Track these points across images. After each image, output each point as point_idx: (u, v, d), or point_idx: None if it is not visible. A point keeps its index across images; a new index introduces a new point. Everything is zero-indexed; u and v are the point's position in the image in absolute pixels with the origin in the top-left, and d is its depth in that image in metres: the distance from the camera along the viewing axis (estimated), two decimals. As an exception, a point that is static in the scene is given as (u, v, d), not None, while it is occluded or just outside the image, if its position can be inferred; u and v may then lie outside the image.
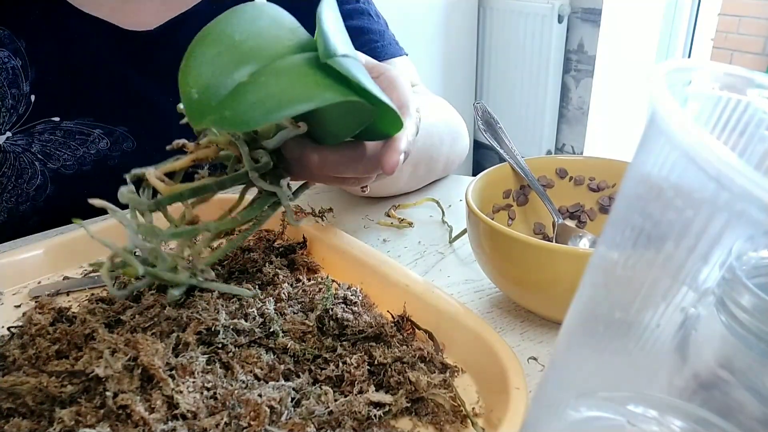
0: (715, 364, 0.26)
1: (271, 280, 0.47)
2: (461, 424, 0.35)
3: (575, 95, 2.18)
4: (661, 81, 0.19)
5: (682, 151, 0.17)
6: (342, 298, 0.43)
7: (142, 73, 0.64)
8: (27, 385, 0.34)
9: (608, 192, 0.54)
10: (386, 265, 0.47)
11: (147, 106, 0.65)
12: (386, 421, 0.34)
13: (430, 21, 2.19)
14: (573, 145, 2.25)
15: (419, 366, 0.37)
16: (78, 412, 0.32)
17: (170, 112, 0.62)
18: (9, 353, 0.37)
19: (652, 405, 0.25)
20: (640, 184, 0.21)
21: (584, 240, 0.50)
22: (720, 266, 0.21)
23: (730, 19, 2.04)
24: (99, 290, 0.47)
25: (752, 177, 0.15)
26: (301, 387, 0.35)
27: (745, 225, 0.18)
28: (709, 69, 0.23)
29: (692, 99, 0.23)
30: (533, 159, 0.55)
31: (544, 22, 2.09)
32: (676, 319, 0.22)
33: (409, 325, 0.42)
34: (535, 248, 0.40)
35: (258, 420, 0.32)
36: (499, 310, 0.47)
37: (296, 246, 0.52)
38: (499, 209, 0.54)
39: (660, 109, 0.18)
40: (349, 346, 0.39)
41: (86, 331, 0.39)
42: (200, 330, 0.39)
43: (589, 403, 0.26)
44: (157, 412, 0.32)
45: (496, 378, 0.36)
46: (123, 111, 0.64)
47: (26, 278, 0.49)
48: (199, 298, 0.43)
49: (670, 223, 0.19)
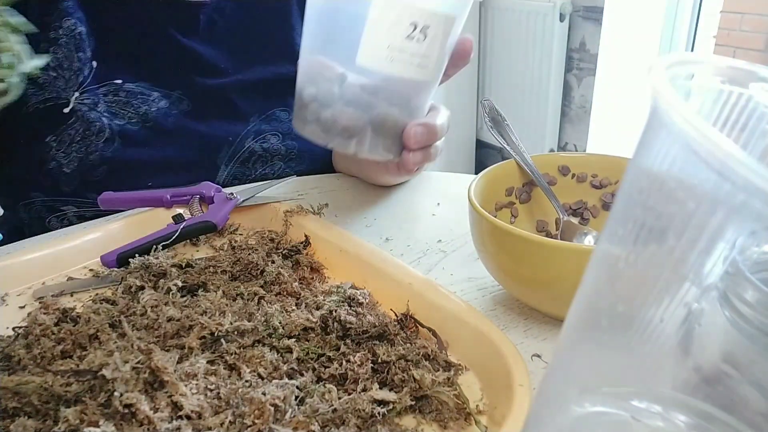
0: (719, 358, 0.26)
1: (275, 279, 0.47)
2: (465, 422, 0.35)
3: (577, 94, 2.18)
4: (663, 74, 0.19)
5: (684, 144, 0.17)
6: (348, 298, 0.43)
7: (197, 41, 0.69)
8: (32, 384, 0.34)
9: (611, 189, 0.54)
10: (389, 263, 0.47)
11: (200, 71, 0.70)
12: (390, 418, 0.34)
13: (432, 21, 2.18)
14: (576, 144, 2.25)
15: (423, 364, 0.37)
16: (83, 411, 0.32)
17: (220, 73, 0.70)
18: (14, 353, 0.38)
19: (655, 400, 0.25)
20: (641, 177, 0.21)
21: (589, 237, 0.50)
22: (723, 261, 0.21)
23: (732, 16, 2.03)
24: (103, 290, 0.48)
25: (755, 168, 0.15)
26: (305, 385, 0.35)
27: (748, 219, 0.18)
28: (712, 62, 0.23)
29: (694, 92, 0.23)
30: (536, 156, 0.55)
31: (546, 21, 2.08)
32: (680, 314, 0.22)
33: (413, 323, 0.42)
34: (538, 245, 0.40)
35: (262, 418, 0.32)
36: (503, 308, 0.47)
37: (300, 246, 0.52)
38: (501, 207, 0.54)
39: (661, 102, 0.18)
40: (353, 345, 0.39)
41: (90, 330, 0.39)
42: (204, 335, 0.39)
43: (592, 399, 0.26)
44: (161, 412, 0.32)
45: (499, 375, 0.36)
46: (178, 77, 0.69)
47: (30, 279, 0.49)
48: (203, 298, 0.43)
49: (672, 216, 0.19)
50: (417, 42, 0.45)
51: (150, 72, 0.68)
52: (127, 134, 0.67)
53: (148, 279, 0.47)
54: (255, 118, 0.73)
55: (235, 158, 0.72)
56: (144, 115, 0.67)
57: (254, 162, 0.74)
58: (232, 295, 0.45)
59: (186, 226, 0.54)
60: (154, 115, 0.68)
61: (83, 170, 0.66)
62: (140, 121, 0.67)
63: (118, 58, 0.66)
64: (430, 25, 0.45)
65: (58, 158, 0.65)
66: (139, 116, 0.67)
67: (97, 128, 0.65)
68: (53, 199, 0.67)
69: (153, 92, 0.68)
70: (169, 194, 0.59)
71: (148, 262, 0.49)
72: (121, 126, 0.66)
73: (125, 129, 0.66)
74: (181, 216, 0.56)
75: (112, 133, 0.66)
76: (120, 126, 0.66)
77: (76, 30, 0.63)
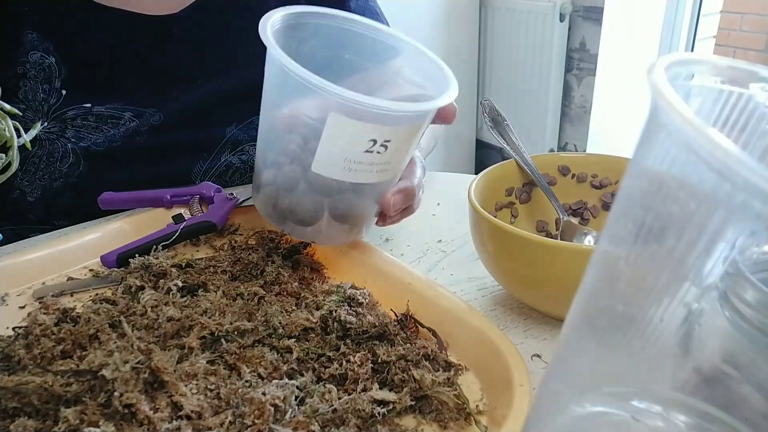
0: (719, 359, 0.26)
1: (274, 279, 0.47)
2: (465, 422, 0.35)
3: (577, 94, 2.18)
4: (662, 74, 0.19)
5: (684, 144, 0.17)
6: (348, 298, 0.43)
7: (167, 54, 0.67)
8: (32, 384, 0.34)
9: (611, 189, 0.54)
10: (389, 263, 0.47)
11: (173, 84, 0.67)
12: (390, 418, 0.34)
13: (432, 20, 2.18)
14: (576, 144, 2.25)
15: (423, 364, 0.37)
16: (83, 411, 0.32)
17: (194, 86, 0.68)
18: (14, 353, 0.38)
19: (656, 400, 0.25)
20: (641, 177, 0.21)
21: (589, 237, 0.50)
22: (723, 261, 0.21)
23: (732, 16, 2.03)
24: (103, 290, 0.48)
25: (755, 168, 0.15)
26: (305, 385, 0.35)
27: (748, 219, 0.18)
28: (712, 62, 0.23)
29: (694, 92, 0.23)
30: (536, 156, 0.55)
31: (546, 21, 2.08)
32: (680, 314, 0.22)
33: (413, 324, 0.42)
34: (538, 245, 0.40)
35: (262, 418, 0.32)
36: (503, 308, 0.47)
37: (300, 246, 0.52)
38: (501, 207, 0.54)
39: (661, 102, 0.18)
40: (353, 345, 0.39)
41: (90, 331, 0.39)
42: (204, 335, 0.39)
43: (593, 399, 0.26)
44: (161, 412, 0.32)
45: (499, 375, 0.36)
46: (150, 93, 0.67)
47: (30, 279, 0.49)
48: (203, 298, 0.43)
49: (672, 216, 0.19)
50: (378, 154, 0.42)
51: (122, 92, 0.65)
52: (92, 157, 0.64)
53: (148, 279, 0.47)
54: (232, 128, 0.70)
55: (211, 172, 0.70)
56: (111, 136, 0.65)
57: (231, 175, 0.71)
58: (232, 295, 0.45)
59: (186, 226, 0.54)
60: (122, 135, 0.65)
61: (47, 198, 0.64)
62: (107, 141, 0.64)
63: (88, 82, 0.64)
64: (391, 140, 0.42)
65: (22, 187, 0.63)
66: (105, 137, 0.64)
67: (61, 154, 0.63)
68: (20, 227, 0.66)
69: (125, 112, 0.65)
70: (169, 194, 0.59)
71: (148, 262, 0.49)
72: (84, 148, 0.63)
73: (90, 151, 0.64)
74: (181, 216, 0.56)
75: (77, 157, 0.63)
76: (83, 148, 0.63)
77: (45, 62, 0.62)
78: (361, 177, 0.44)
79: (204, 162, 0.69)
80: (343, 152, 0.42)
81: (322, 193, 0.46)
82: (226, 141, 0.70)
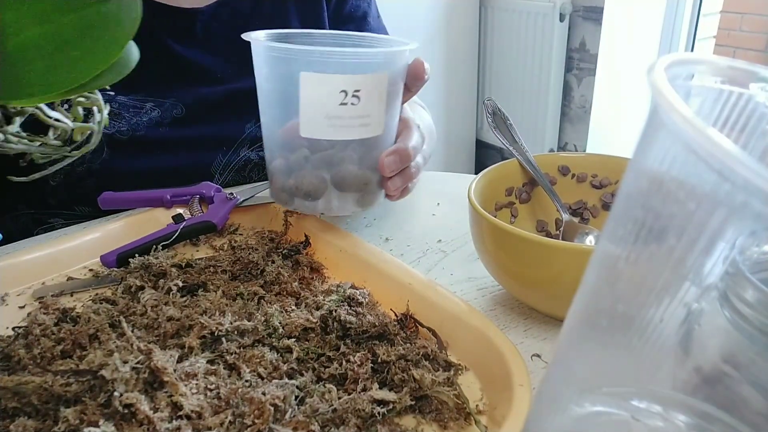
0: (719, 358, 0.26)
1: (274, 279, 0.47)
2: (465, 422, 0.35)
3: (577, 94, 2.18)
4: (662, 74, 0.19)
5: (684, 144, 0.17)
6: (348, 298, 0.43)
7: (193, 49, 0.68)
8: (32, 384, 0.34)
9: (611, 189, 0.54)
10: (389, 263, 0.47)
11: (193, 77, 0.69)
12: (390, 418, 0.34)
13: (432, 20, 2.18)
14: (576, 144, 2.25)
15: (423, 364, 0.37)
16: (83, 411, 0.32)
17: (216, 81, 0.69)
18: (14, 353, 0.38)
19: (656, 400, 0.25)
20: (641, 177, 0.21)
21: (591, 236, 0.50)
22: (723, 261, 0.21)
23: (732, 16, 2.03)
24: (103, 290, 0.48)
25: (755, 168, 0.15)
26: (305, 385, 0.35)
27: (748, 219, 0.18)
28: (712, 62, 0.23)
29: (694, 92, 0.23)
30: (536, 156, 0.55)
31: (546, 21, 2.08)
32: (680, 314, 0.22)
33: (413, 323, 0.42)
34: (538, 245, 0.40)
35: (262, 418, 0.32)
36: (502, 308, 0.47)
37: (300, 246, 0.52)
38: (501, 207, 0.54)
39: (661, 102, 0.18)
40: (353, 345, 0.39)
41: (90, 330, 0.39)
42: (204, 335, 0.39)
43: (592, 399, 0.26)
44: (161, 412, 0.32)
45: (499, 375, 0.36)
46: (172, 85, 0.68)
47: (30, 279, 0.49)
48: (203, 298, 0.43)
49: (672, 216, 0.19)
50: (352, 106, 0.47)
51: (144, 82, 0.66)
52: (116, 144, 0.65)
53: (148, 279, 0.47)
54: (251, 124, 0.72)
55: (230, 167, 0.72)
56: (135, 125, 0.66)
57: (250, 170, 0.73)
58: (232, 295, 0.45)
59: (186, 226, 0.54)
60: (145, 125, 0.67)
61: (69, 183, 0.65)
62: (130, 130, 0.66)
63: None
64: (360, 89, 0.46)
65: None
66: (129, 126, 0.66)
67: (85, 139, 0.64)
68: (40, 212, 0.66)
69: (146, 103, 0.67)
70: (169, 194, 0.59)
71: (148, 262, 0.49)
72: (109, 135, 0.65)
73: (114, 138, 0.65)
74: (181, 216, 0.56)
75: (101, 144, 0.64)
76: (108, 135, 0.65)
77: None
78: (345, 133, 0.48)
79: (223, 156, 0.71)
80: (321, 109, 0.47)
81: (323, 167, 0.51)
82: (245, 137, 0.72)
